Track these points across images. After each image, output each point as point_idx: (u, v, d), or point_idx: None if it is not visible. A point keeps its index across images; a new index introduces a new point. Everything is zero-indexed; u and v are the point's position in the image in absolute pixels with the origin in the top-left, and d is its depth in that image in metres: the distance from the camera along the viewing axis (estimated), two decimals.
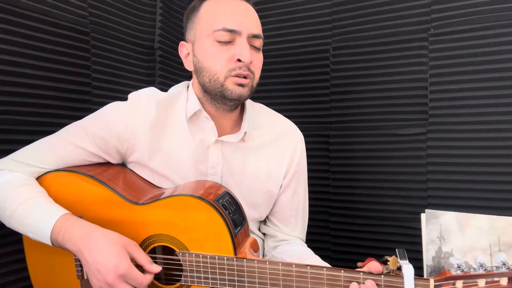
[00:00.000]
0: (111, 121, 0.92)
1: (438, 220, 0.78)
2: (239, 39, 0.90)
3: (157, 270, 0.81)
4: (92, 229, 0.82)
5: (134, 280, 0.78)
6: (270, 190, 1.02)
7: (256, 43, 0.93)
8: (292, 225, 1.08)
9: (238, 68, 0.89)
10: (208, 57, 0.91)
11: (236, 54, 0.89)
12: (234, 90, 0.90)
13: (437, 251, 0.78)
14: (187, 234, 0.84)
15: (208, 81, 0.92)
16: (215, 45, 0.90)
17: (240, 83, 0.90)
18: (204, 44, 0.92)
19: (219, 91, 0.91)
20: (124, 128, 0.92)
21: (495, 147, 1.19)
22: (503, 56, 1.17)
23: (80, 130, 0.93)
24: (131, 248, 0.81)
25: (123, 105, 0.95)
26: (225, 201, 0.87)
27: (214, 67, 0.90)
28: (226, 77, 0.90)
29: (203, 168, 0.97)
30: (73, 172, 0.91)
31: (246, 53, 0.89)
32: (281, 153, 1.03)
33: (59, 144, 0.93)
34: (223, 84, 0.90)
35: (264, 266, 0.79)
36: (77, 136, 0.93)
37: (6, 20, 1.01)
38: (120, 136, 0.92)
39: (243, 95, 0.91)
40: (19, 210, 0.84)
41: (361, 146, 1.38)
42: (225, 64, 0.90)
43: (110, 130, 0.92)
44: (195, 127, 0.96)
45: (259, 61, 0.95)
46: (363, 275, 0.74)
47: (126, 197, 0.88)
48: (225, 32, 0.89)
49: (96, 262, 0.78)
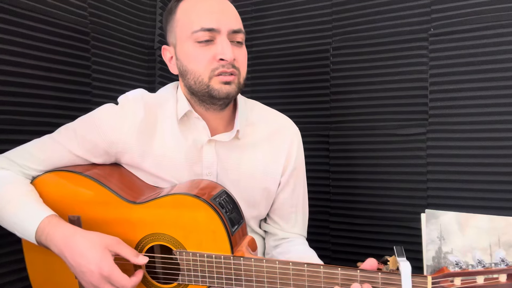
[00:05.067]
0: (100, 124, 0.92)
1: (438, 220, 0.78)
2: (219, 37, 0.89)
3: (144, 261, 0.81)
4: (73, 231, 0.82)
5: (117, 282, 0.78)
6: (267, 187, 1.01)
7: (237, 38, 0.91)
8: (292, 222, 1.07)
9: (221, 67, 0.88)
10: (190, 59, 0.90)
11: (217, 53, 0.88)
12: (221, 89, 0.89)
13: (437, 251, 0.78)
14: (184, 233, 0.84)
15: (194, 83, 0.91)
16: (195, 47, 0.89)
17: (225, 81, 0.89)
18: (185, 47, 0.91)
19: (206, 92, 0.90)
20: (113, 131, 0.92)
21: (495, 147, 1.19)
22: (503, 56, 1.17)
23: (70, 131, 0.94)
24: (113, 246, 0.81)
25: (113, 108, 0.95)
26: (222, 200, 0.86)
27: (197, 69, 0.90)
28: (211, 77, 0.89)
29: (198, 169, 0.96)
30: (70, 172, 0.91)
31: (228, 51, 0.87)
32: (277, 149, 1.02)
33: (49, 144, 0.93)
34: (208, 84, 0.89)
35: (261, 264, 0.79)
36: (66, 138, 0.93)
37: (6, 20, 1.01)
38: (109, 139, 0.92)
39: (231, 93, 0.90)
40: (6, 209, 0.85)
41: (361, 146, 1.38)
42: (208, 64, 0.89)
43: (99, 133, 0.92)
44: (186, 128, 0.96)
45: (243, 56, 0.93)
46: (360, 272, 0.74)
47: (123, 196, 0.88)
48: (204, 32, 0.88)
49: (79, 265, 0.79)
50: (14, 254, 1.05)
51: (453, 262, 0.73)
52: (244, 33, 0.94)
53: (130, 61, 1.42)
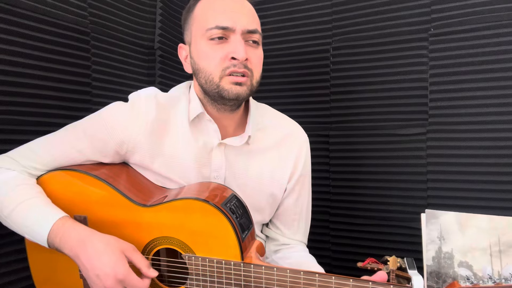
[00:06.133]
0: (111, 123, 0.90)
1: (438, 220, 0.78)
2: (233, 36, 0.87)
3: (154, 275, 0.81)
4: (89, 233, 0.81)
5: (132, 285, 0.78)
6: (273, 193, 1.01)
7: (253, 38, 0.90)
8: (294, 228, 1.07)
9: (232, 66, 0.86)
10: (202, 57, 0.89)
11: (230, 52, 0.86)
12: (231, 90, 0.87)
13: (437, 251, 0.78)
14: (193, 238, 0.83)
15: (205, 82, 0.89)
16: (208, 45, 0.88)
17: (236, 82, 0.87)
18: (199, 45, 0.90)
19: (216, 92, 0.88)
20: (124, 130, 0.90)
21: (495, 147, 1.19)
22: (503, 56, 1.17)
23: (79, 131, 0.92)
24: (129, 252, 0.80)
25: (123, 106, 0.93)
26: (232, 205, 0.85)
27: (208, 67, 0.88)
28: (221, 77, 0.87)
29: (206, 172, 0.95)
30: (77, 172, 0.89)
31: (241, 50, 0.85)
32: (286, 156, 1.01)
33: (57, 144, 0.92)
34: (218, 84, 0.87)
35: (271, 272, 0.78)
36: (75, 137, 0.91)
37: (6, 20, 1.01)
38: (119, 138, 0.90)
39: (241, 95, 0.88)
40: (17, 211, 0.84)
41: (361, 146, 1.38)
42: (219, 63, 0.87)
43: (109, 132, 0.90)
44: (197, 130, 0.94)
45: (257, 57, 0.91)
46: (372, 284, 0.73)
47: (132, 198, 0.87)
48: (218, 29, 0.86)
49: (94, 268, 0.77)
50: (15, 254, 1.05)
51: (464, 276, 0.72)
52: (260, 34, 0.92)
53: (130, 61, 1.42)
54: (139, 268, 0.80)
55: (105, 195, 0.88)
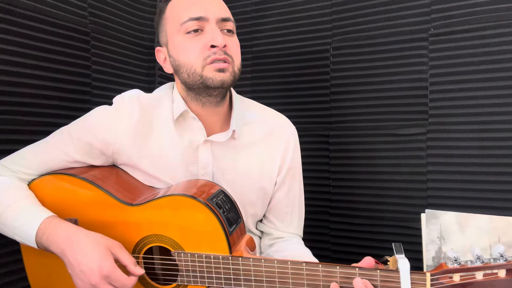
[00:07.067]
0: (96, 126, 0.92)
1: (438, 220, 0.78)
2: (208, 26, 0.89)
3: (140, 272, 0.81)
4: (76, 231, 0.82)
5: (118, 281, 0.78)
6: (263, 187, 1.01)
7: (227, 26, 0.91)
8: (287, 221, 1.07)
9: (213, 54, 0.88)
10: (181, 51, 0.90)
11: (208, 41, 0.88)
12: (215, 77, 0.88)
13: (437, 251, 0.78)
14: (182, 234, 0.84)
15: (187, 76, 0.90)
16: (185, 38, 0.89)
17: (219, 68, 0.88)
18: (176, 41, 0.91)
19: (200, 83, 0.89)
20: (109, 132, 0.92)
21: (495, 147, 1.19)
22: (503, 56, 1.17)
23: (65, 135, 0.94)
24: (115, 249, 0.81)
25: (107, 109, 0.95)
26: (219, 200, 0.86)
27: (189, 60, 0.89)
28: (203, 66, 0.88)
29: (194, 169, 0.96)
30: (66, 175, 0.91)
31: (218, 37, 0.87)
32: (273, 149, 1.02)
33: (44, 149, 0.93)
34: (201, 74, 0.88)
35: (259, 264, 0.79)
36: (62, 141, 0.93)
37: (6, 20, 1.01)
38: (104, 140, 0.92)
39: (226, 81, 0.89)
40: (6, 213, 0.85)
41: (361, 146, 1.38)
42: (199, 53, 0.88)
43: (94, 134, 0.92)
44: (182, 128, 0.95)
45: (234, 44, 0.93)
46: (358, 270, 0.74)
47: (120, 198, 0.88)
48: (192, 21, 0.88)
49: (79, 264, 0.78)
50: (14, 254, 1.05)
51: (452, 258, 0.72)
52: (233, 22, 0.93)
53: (130, 61, 1.42)
54: (125, 265, 0.81)
55: (94, 196, 0.88)
